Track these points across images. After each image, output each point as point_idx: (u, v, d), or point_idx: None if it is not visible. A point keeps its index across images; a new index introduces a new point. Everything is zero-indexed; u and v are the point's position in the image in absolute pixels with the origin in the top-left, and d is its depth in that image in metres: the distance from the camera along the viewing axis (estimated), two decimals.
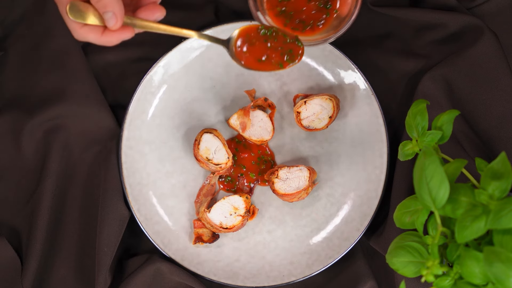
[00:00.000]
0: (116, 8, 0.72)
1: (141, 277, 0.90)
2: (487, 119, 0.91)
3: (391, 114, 0.96)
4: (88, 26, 0.74)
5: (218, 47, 0.96)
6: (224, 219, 0.91)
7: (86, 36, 0.74)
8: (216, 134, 0.92)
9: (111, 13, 0.72)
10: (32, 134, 0.94)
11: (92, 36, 0.74)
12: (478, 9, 0.97)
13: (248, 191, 0.94)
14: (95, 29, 0.74)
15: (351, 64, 0.94)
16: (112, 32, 0.74)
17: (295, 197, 0.91)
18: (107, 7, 0.71)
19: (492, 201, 0.67)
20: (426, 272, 0.70)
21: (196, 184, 0.95)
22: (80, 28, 0.74)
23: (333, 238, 0.93)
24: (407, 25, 0.97)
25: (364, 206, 0.92)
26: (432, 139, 0.77)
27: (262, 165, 0.95)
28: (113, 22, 0.72)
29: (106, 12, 0.72)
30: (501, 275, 0.62)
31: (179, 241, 0.93)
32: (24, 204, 0.94)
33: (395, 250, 0.74)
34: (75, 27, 0.74)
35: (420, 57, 0.97)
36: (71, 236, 0.94)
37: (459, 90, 0.92)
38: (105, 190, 0.92)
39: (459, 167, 0.71)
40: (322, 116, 0.93)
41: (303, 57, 0.96)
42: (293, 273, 0.92)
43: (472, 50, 0.91)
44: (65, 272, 0.93)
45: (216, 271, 0.92)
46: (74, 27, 0.74)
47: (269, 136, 0.94)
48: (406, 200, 0.78)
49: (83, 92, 0.94)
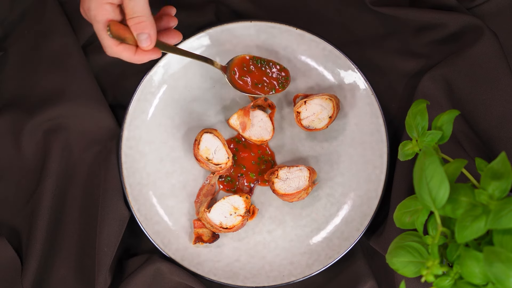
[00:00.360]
0: (152, 31, 0.78)
1: (141, 277, 0.90)
2: (487, 119, 0.91)
3: (391, 114, 0.96)
4: (123, 45, 0.79)
5: (218, 47, 0.96)
6: (224, 219, 0.91)
7: (120, 53, 0.79)
8: (216, 134, 0.92)
9: (147, 35, 0.78)
10: (32, 134, 0.94)
11: (126, 54, 0.80)
12: (478, 9, 0.97)
13: (248, 191, 0.94)
14: (129, 48, 0.79)
15: (351, 64, 0.94)
16: (144, 52, 0.80)
17: (295, 197, 0.91)
18: (145, 29, 0.78)
19: (492, 201, 0.67)
20: (426, 272, 0.70)
21: (196, 184, 0.95)
22: (116, 46, 0.79)
23: (333, 238, 0.93)
24: (407, 25, 0.97)
25: (364, 206, 0.92)
26: (432, 139, 0.77)
27: (262, 165, 0.95)
28: (148, 43, 0.79)
29: (142, 34, 0.78)
30: (501, 275, 0.62)
31: (179, 241, 0.93)
32: (24, 204, 0.94)
33: (395, 250, 0.74)
34: (111, 44, 0.79)
35: (420, 57, 0.97)
36: (71, 236, 0.94)
37: (459, 90, 0.92)
38: (105, 190, 0.92)
39: (459, 167, 0.71)
40: (322, 116, 0.93)
41: (303, 57, 0.96)
42: (293, 273, 0.92)
43: (472, 50, 0.91)
44: (65, 272, 0.93)
45: (216, 271, 0.92)
46: (110, 44, 0.79)
47: (269, 136, 0.94)
48: (406, 200, 0.78)
49: (83, 92, 0.94)
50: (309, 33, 0.95)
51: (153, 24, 0.78)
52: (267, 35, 0.96)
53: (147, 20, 0.77)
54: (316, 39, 0.95)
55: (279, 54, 0.96)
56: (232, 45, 0.96)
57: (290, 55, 0.96)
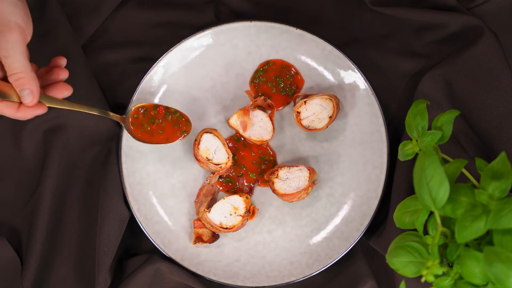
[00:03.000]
0: (33, 86, 0.77)
1: (141, 277, 0.90)
2: (487, 119, 0.91)
3: (391, 114, 0.96)
4: (4, 102, 0.78)
5: (218, 47, 0.96)
6: (224, 219, 0.91)
7: (2, 111, 0.78)
8: (216, 134, 0.92)
9: (29, 91, 0.77)
10: (32, 134, 0.94)
11: (8, 111, 0.78)
12: (478, 9, 0.97)
13: (248, 191, 0.94)
14: (11, 105, 0.78)
15: (351, 64, 0.94)
16: (27, 108, 0.79)
17: (295, 197, 0.91)
18: (25, 85, 0.77)
19: (492, 201, 0.67)
20: (426, 272, 0.70)
21: (196, 184, 0.95)
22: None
23: (333, 238, 0.93)
24: (407, 25, 0.97)
25: (364, 206, 0.92)
26: (432, 139, 0.77)
27: (263, 165, 0.95)
28: (30, 99, 0.78)
29: (23, 90, 0.77)
30: (501, 275, 0.62)
31: (179, 241, 0.93)
32: (24, 204, 0.94)
33: (395, 250, 0.74)
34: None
35: (420, 57, 0.97)
36: (71, 236, 0.94)
37: (459, 90, 0.92)
38: (105, 190, 0.92)
39: (459, 167, 0.71)
40: (322, 116, 0.93)
41: (303, 57, 0.96)
42: (293, 273, 0.92)
43: (472, 50, 0.91)
44: (65, 272, 0.93)
45: (216, 271, 0.92)
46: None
47: (269, 136, 0.94)
48: (406, 200, 0.78)
49: (83, 92, 0.94)
50: (309, 33, 0.95)
51: (33, 78, 0.77)
52: (267, 35, 0.96)
53: (26, 75, 0.77)
54: (316, 39, 0.95)
55: (279, 54, 0.96)
56: (232, 45, 0.96)
57: (290, 55, 0.96)
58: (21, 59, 0.76)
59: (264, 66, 0.96)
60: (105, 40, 1.00)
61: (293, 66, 0.96)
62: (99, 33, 1.00)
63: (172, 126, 0.91)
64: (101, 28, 1.00)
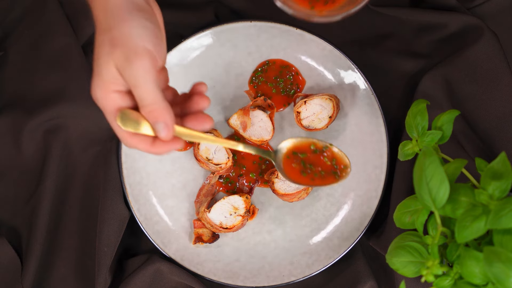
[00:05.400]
0: (168, 119, 0.67)
1: (141, 277, 0.90)
2: (487, 119, 0.91)
3: (391, 114, 0.96)
4: (138, 136, 0.69)
5: (218, 47, 0.96)
6: (224, 219, 0.91)
7: (136, 145, 0.70)
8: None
9: (163, 124, 0.67)
10: (32, 134, 0.94)
11: (143, 146, 0.69)
12: (478, 9, 0.97)
13: (248, 191, 0.94)
14: (145, 139, 0.69)
15: (351, 64, 0.94)
16: (163, 143, 0.69)
17: (295, 197, 0.91)
18: (158, 118, 0.67)
19: (492, 201, 0.67)
20: (426, 272, 0.70)
21: (196, 184, 0.95)
22: (130, 137, 0.69)
23: (333, 238, 0.93)
24: (407, 25, 0.97)
25: (364, 206, 0.92)
26: (432, 139, 0.77)
27: (262, 165, 0.95)
28: (165, 133, 0.67)
29: (157, 123, 0.67)
30: (501, 275, 0.62)
31: (179, 241, 0.93)
32: (24, 204, 0.94)
33: (395, 250, 0.74)
34: (125, 136, 0.69)
35: (420, 57, 0.97)
36: (71, 236, 0.94)
37: (459, 90, 0.92)
38: (105, 190, 0.92)
39: (459, 167, 0.71)
40: (322, 116, 0.93)
41: (303, 57, 0.96)
42: (293, 273, 0.92)
43: (472, 50, 0.91)
44: (65, 272, 0.93)
45: (216, 271, 0.92)
46: (123, 136, 0.69)
47: (269, 136, 0.94)
48: (406, 200, 0.78)
49: (83, 92, 0.94)
50: (309, 33, 0.94)
51: (167, 110, 0.67)
52: (267, 35, 0.96)
53: (159, 107, 0.66)
54: (316, 39, 0.95)
55: (279, 54, 0.96)
56: (232, 45, 0.96)
57: (290, 55, 0.96)
58: (152, 88, 0.66)
59: (263, 66, 0.96)
60: None
61: (293, 66, 0.96)
62: None
63: None
64: None
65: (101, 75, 0.66)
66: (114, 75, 0.66)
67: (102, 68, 0.66)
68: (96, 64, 0.67)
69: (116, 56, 0.65)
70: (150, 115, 0.67)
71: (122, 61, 0.65)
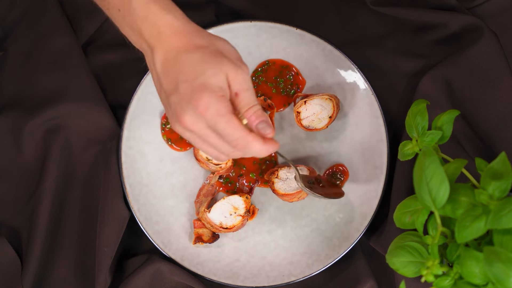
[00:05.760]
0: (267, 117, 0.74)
1: (141, 277, 0.90)
2: (487, 119, 0.91)
3: (391, 114, 0.96)
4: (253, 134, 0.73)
5: None
6: (224, 219, 0.91)
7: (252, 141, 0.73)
8: None
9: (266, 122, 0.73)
10: (32, 134, 0.94)
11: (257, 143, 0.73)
12: (478, 9, 0.97)
13: (248, 191, 0.94)
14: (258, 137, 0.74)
15: (351, 64, 0.94)
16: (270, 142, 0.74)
17: (295, 197, 0.91)
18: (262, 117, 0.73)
19: (492, 201, 0.67)
20: (426, 272, 0.70)
21: (196, 184, 0.95)
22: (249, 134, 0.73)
23: (333, 238, 0.93)
24: (407, 25, 0.97)
25: (364, 206, 0.92)
26: (432, 139, 0.77)
27: (263, 165, 0.95)
28: (270, 130, 0.74)
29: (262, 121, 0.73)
30: (501, 275, 0.62)
31: (179, 241, 0.93)
32: (24, 204, 0.94)
33: (395, 250, 0.74)
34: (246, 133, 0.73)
35: (420, 57, 0.97)
36: (71, 236, 0.94)
37: (459, 90, 0.92)
38: (105, 190, 0.92)
39: (459, 167, 0.71)
40: (322, 116, 0.93)
41: (303, 57, 0.96)
42: (293, 273, 0.92)
43: (472, 50, 0.91)
44: (65, 272, 0.93)
45: (216, 271, 0.92)
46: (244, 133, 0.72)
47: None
48: (406, 200, 0.78)
49: (83, 92, 0.94)
50: (309, 33, 0.95)
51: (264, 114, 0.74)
52: (267, 35, 0.96)
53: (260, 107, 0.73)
54: (316, 39, 0.95)
55: (279, 54, 0.96)
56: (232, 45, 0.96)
57: (290, 55, 0.96)
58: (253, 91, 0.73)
59: (263, 66, 0.96)
60: (105, 40, 1.00)
61: (293, 66, 0.96)
62: (99, 33, 1.00)
63: None
64: (101, 28, 1.00)
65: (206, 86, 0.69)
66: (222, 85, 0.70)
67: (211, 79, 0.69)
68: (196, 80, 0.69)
69: (225, 65, 0.70)
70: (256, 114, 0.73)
71: (233, 68, 0.70)
